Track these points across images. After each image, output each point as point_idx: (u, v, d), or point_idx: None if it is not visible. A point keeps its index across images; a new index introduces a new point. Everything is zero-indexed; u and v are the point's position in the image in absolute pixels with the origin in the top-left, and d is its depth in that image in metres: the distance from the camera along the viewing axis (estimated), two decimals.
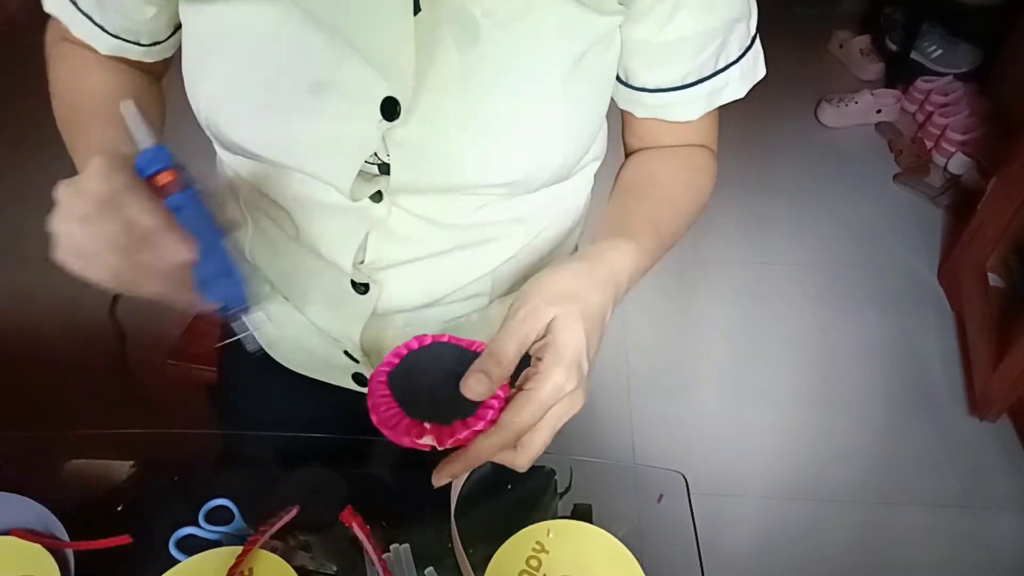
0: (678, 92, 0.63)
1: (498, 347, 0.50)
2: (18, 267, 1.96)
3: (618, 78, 0.65)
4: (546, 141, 0.59)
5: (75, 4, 0.63)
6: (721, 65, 0.63)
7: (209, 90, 0.58)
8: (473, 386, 0.49)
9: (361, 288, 0.69)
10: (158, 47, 0.67)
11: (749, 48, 0.64)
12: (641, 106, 0.66)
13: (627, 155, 0.72)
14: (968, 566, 1.64)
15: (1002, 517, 1.72)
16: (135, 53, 0.66)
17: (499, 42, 0.54)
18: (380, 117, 0.55)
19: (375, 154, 0.59)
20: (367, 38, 0.53)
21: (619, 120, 0.71)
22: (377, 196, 0.63)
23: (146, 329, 1.62)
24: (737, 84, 0.65)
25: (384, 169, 0.59)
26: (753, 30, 0.64)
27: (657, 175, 0.68)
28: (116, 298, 0.99)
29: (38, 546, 0.66)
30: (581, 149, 0.63)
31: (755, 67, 0.66)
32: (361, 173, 0.59)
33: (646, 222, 0.62)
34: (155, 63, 0.69)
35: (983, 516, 1.71)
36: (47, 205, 0.47)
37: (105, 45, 0.65)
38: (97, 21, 0.63)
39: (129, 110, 0.51)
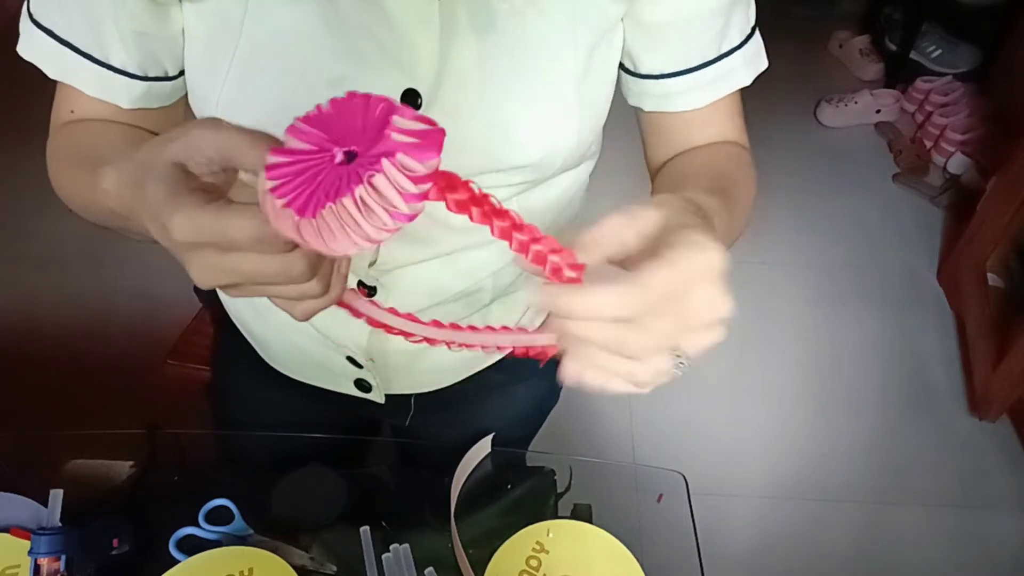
0: (681, 78, 0.63)
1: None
2: (18, 267, 1.96)
3: (623, 67, 0.65)
4: (561, 123, 0.59)
5: (90, 57, 0.56)
6: (724, 50, 0.63)
7: (225, 98, 0.55)
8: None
9: (368, 291, 0.69)
10: (183, 80, 0.61)
11: (750, 36, 0.64)
12: (647, 97, 0.66)
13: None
14: (967, 566, 1.64)
15: (1001, 517, 1.72)
16: (162, 96, 0.60)
17: (515, 27, 0.55)
18: None
19: None
20: (391, 25, 0.52)
21: (616, 115, 0.71)
22: None
23: (146, 329, 1.63)
24: (742, 72, 0.65)
25: None
26: (752, 19, 0.64)
27: (688, 159, 0.66)
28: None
29: None
30: (591, 131, 0.63)
31: (758, 56, 0.66)
32: None
33: (702, 178, 0.60)
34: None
35: (982, 516, 1.72)
36: (47, 206, 0.46)
37: (131, 94, 0.58)
38: (117, 65, 0.56)
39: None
